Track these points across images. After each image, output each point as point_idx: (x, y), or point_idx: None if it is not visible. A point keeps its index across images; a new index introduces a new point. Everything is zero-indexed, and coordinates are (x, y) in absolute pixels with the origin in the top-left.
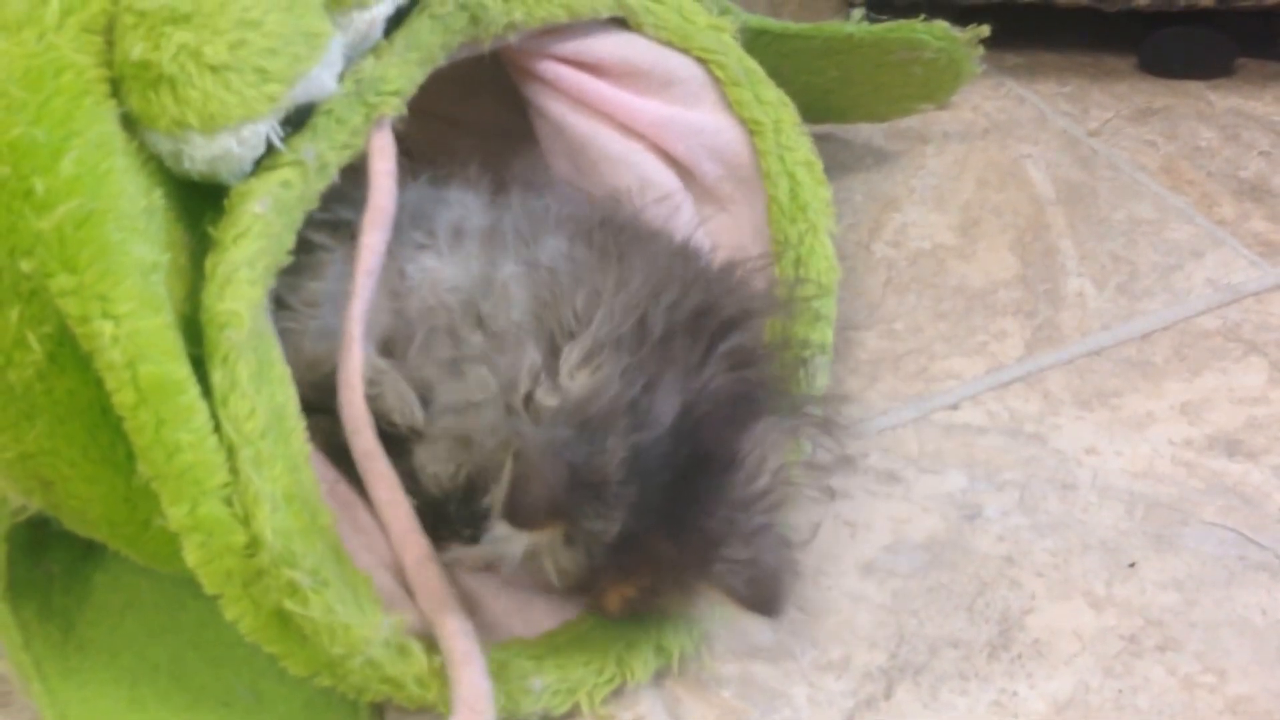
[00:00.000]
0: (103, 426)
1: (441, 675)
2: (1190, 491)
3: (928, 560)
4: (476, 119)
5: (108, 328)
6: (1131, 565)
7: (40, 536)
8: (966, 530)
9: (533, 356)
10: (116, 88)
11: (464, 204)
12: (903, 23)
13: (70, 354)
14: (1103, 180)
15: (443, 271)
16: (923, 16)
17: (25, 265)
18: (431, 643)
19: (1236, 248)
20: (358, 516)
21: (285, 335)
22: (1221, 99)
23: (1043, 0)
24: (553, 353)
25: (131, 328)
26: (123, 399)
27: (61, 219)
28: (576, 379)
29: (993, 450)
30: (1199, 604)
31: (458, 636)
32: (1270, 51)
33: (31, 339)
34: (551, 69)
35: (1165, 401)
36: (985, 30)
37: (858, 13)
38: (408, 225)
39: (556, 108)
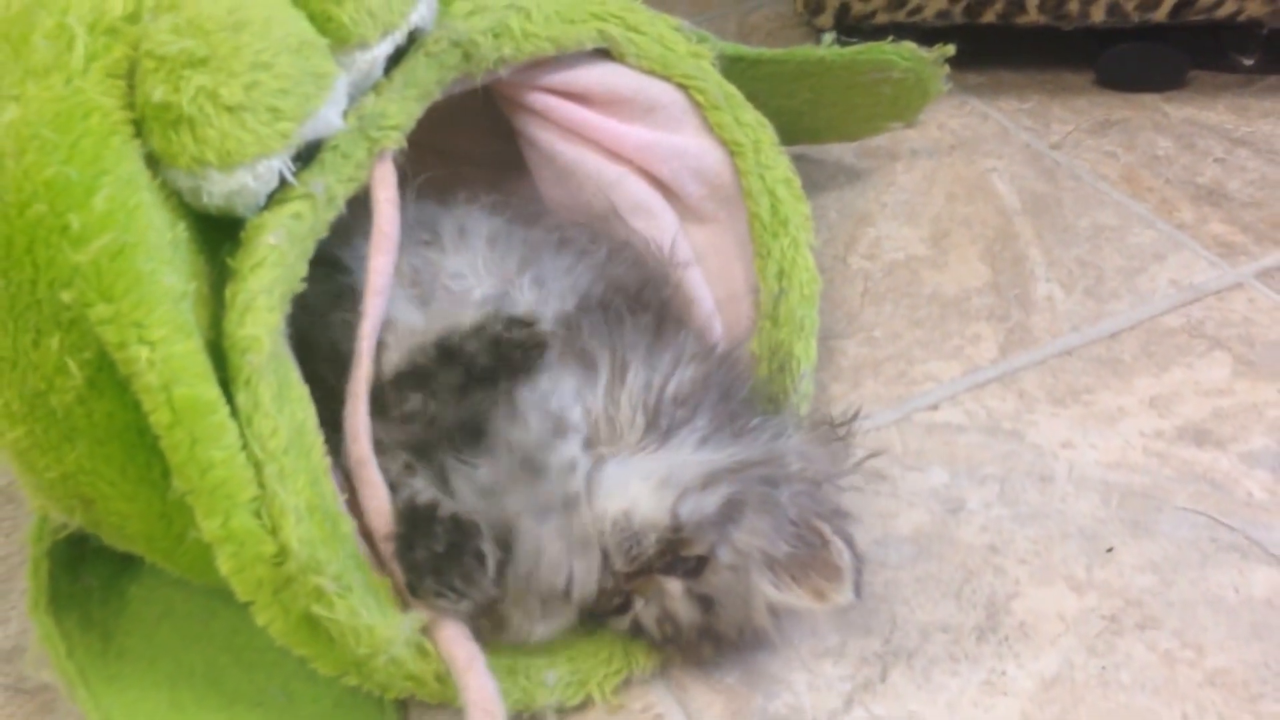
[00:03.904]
0: (139, 447)
1: None
2: (1162, 480)
3: (915, 552)
4: (469, 149)
5: (144, 353)
6: (1109, 550)
7: (79, 553)
8: (951, 523)
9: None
10: (139, 128)
11: (468, 214)
12: (872, 45)
13: (108, 379)
14: (1066, 190)
15: (445, 261)
16: (890, 38)
17: (65, 296)
18: None
19: (1197, 249)
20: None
21: None
22: (1176, 110)
23: (1002, 21)
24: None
25: (165, 352)
26: (159, 419)
27: (97, 252)
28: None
29: (972, 447)
30: (1175, 584)
31: (456, 642)
32: (1221, 63)
33: (72, 365)
34: (540, 100)
35: (1135, 396)
36: (951, 49)
37: (828, 37)
38: (415, 228)
39: (545, 136)
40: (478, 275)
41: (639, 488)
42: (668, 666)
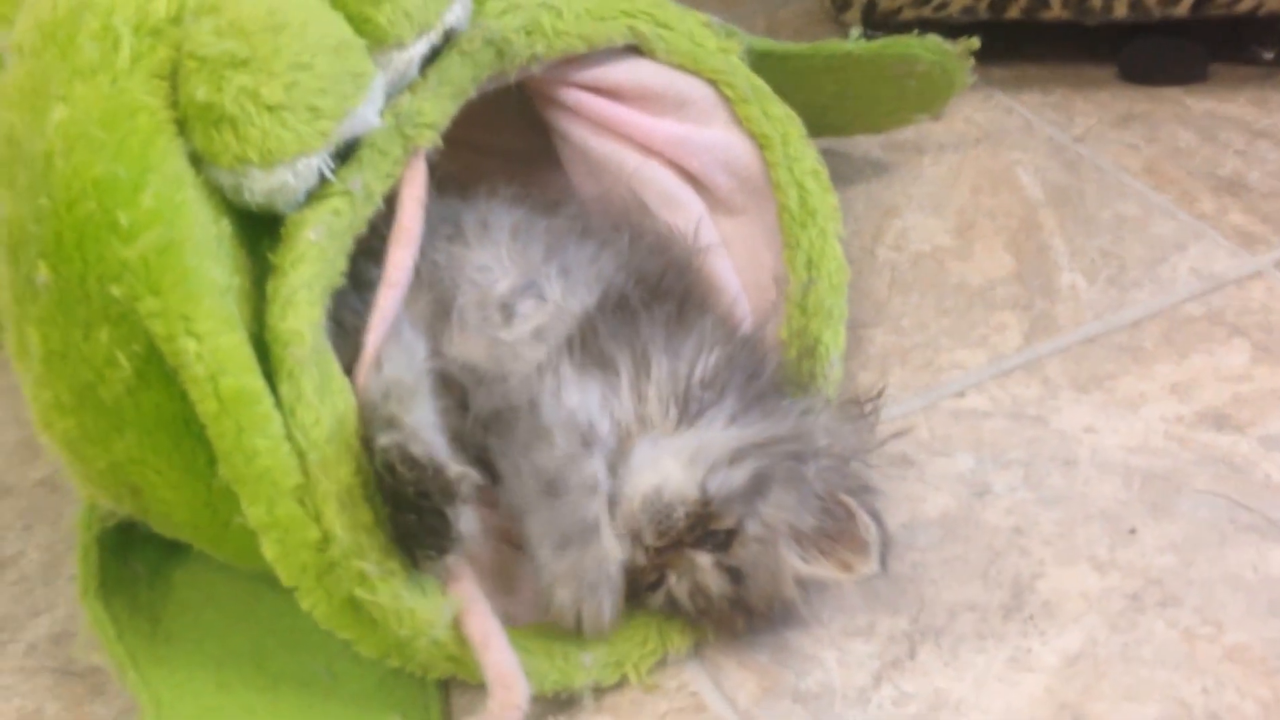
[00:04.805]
0: (186, 436)
1: None
2: (1183, 463)
3: (943, 534)
4: (502, 145)
5: (191, 345)
6: (1131, 531)
7: (127, 539)
8: (977, 506)
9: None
10: (182, 127)
11: (489, 207)
12: (897, 39)
13: (156, 370)
14: (1089, 182)
15: (469, 255)
16: (916, 32)
17: (114, 290)
18: None
19: (1217, 239)
20: None
21: None
22: (1197, 102)
23: (1027, 16)
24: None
25: (212, 345)
26: (206, 409)
27: (145, 248)
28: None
29: (998, 433)
30: (1195, 564)
31: (475, 619)
32: (1241, 57)
33: (121, 357)
34: (572, 95)
35: (1156, 382)
36: (976, 43)
37: (855, 31)
38: (436, 225)
39: (578, 131)
40: (503, 267)
41: (669, 464)
42: (701, 646)
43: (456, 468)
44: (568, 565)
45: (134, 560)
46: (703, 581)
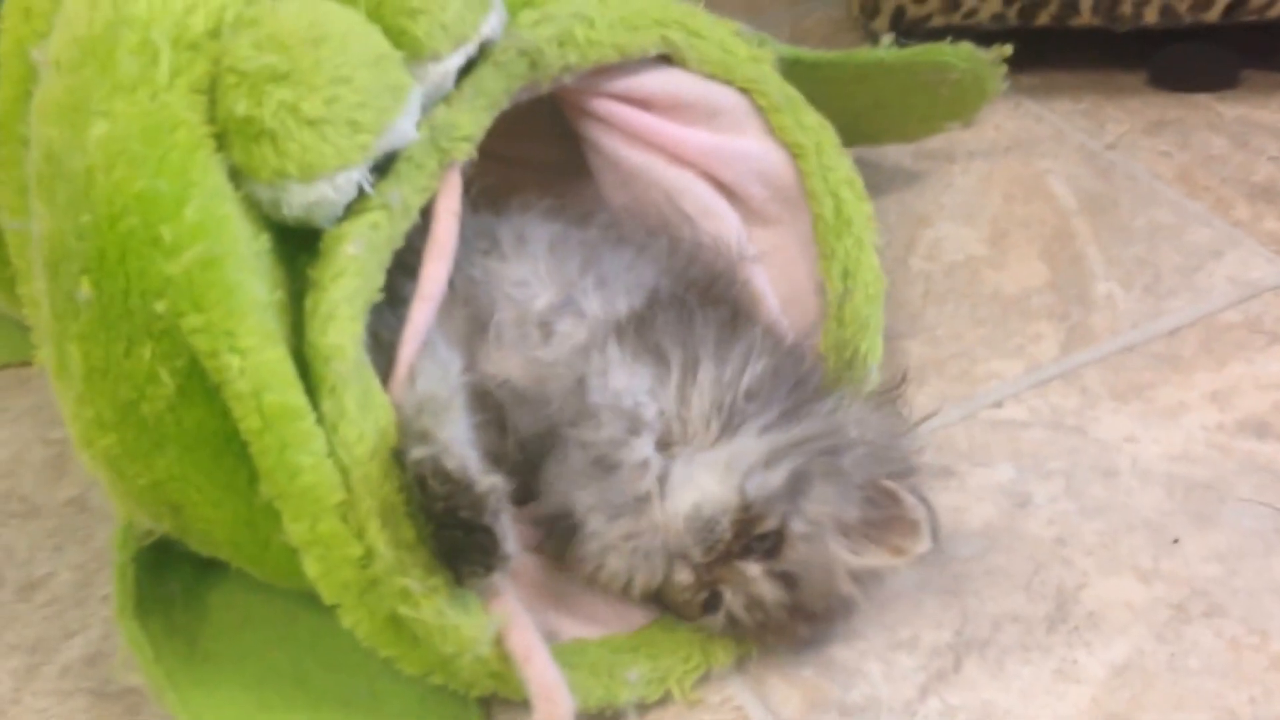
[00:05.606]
0: (227, 453)
1: None
2: (1225, 472)
3: (985, 545)
4: (530, 156)
5: (235, 361)
6: (1175, 541)
7: (162, 559)
8: (1019, 516)
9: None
10: (221, 142)
11: (525, 221)
12: (930, 46)
13: (198, 387)
14: (1122, 190)
15: (506, 270)
16: (949, 40)
17: (158, 306)
18: None
19: (1253, 246)
20: None
21: None
22: (1230, 109)
23: (1056, 23)
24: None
25: (256, 360)
26: (249, 425)
27: (189, 263)
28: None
29: (1037, 443)
30: (1240, 573)
31: (518, 634)
32: (1273, 63)
33: (163, 374)
34: (604, 106)
35: (1196, 391)
36: (1008, 50)
37: (887, 38)
38: (472, 239)
39: (610, 142)
40: (541, 282)
41: (705, 479)
42: (745, 660)
43: (486, 481)
44: (620, 533)
45: (170, 580)
46: (757, 593)
